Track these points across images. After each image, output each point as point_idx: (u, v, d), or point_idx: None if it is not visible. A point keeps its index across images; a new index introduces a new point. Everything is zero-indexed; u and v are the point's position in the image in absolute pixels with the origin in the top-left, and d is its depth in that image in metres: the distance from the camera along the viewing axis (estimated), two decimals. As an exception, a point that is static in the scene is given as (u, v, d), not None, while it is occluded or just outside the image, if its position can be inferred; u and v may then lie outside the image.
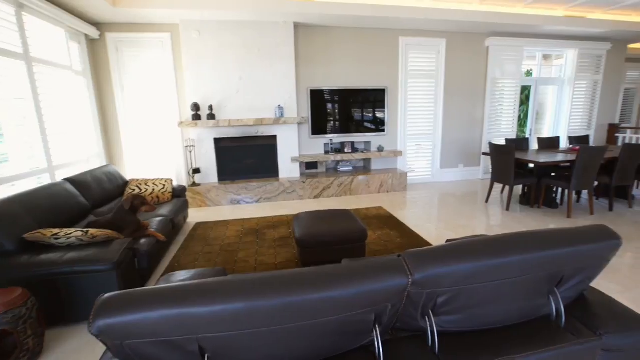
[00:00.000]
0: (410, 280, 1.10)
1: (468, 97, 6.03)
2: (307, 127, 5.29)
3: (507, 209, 4.36)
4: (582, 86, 6.72)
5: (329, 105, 5.37)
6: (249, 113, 4.87)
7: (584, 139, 5.48)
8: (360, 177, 5.19)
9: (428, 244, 3.27)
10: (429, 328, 1.20)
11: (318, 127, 5.32)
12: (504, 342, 1.22)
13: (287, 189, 4.96)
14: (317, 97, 5.25)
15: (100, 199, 3.22)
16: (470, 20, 5.15)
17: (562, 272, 1.26)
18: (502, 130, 6.29)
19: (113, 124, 4.82)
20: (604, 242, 1.26)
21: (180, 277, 2.00)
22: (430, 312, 1.20)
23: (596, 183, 4.83)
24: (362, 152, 5.45)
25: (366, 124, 5.56)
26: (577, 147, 4.26)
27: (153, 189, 3.64)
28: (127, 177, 3.87)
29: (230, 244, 3.41)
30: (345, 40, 5.28)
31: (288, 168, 5.17)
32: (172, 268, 2.91)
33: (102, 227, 2.63)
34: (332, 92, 5.31)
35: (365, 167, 5.75)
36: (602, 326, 1.27)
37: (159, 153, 5.00)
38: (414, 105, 5.76)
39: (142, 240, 2.65)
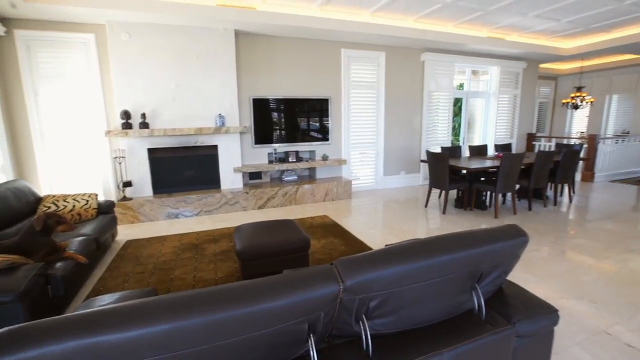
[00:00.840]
0: (341, 287, 1.08)
1: (407, 107, 6.39)
2: (250, 137, 5.18)
3: (444, 212, 4.65)
4: (504, 99, 7.50)
5: (273, 115, 5.33)
6: (187, 122, 4.63)
7: (507, 147, 6.09)
8: (306, 186, 5.19)
9: (370, 249, 3.34)
10: (363, 332, 1.19)
11: (262, 137, 5.24)
12: (433, 339, 1.25)
13: (230, 200, 4.77)
14: (261, 106, 5.18)
15: (4, 219, 2.80)
16: (406, 37, 5.50)
17: (481, 269, 1.34)
18: (439, 139, 6.75)
19: (23, 134, 4.24)
20: (514, 240, 1.37)
21: (103, 301, 1.79)
22: (364, 316, 1.20)
23: (518, 186, 5.38)
24: (307, 161, 5.47)
25: (311, 133, 5.61)
26: (501, 154, 4.71)
27: (74, 206, 3.26)
28: (42, 193, 3.40)
29: (166, 261, 3.16)
30: (289, 50, 5.32)
31: (230, 179, 4.99)
32: (97, 292, 2.61)
33: (5, 252, 2.27)
34: (276, 101, 5.29)
35: (310, 176, 5.77)
36: (515, 315, 1.37)
37: (82, 165, 4.51)
38: (357, 114, 5.96)
39: (58, 264, 2.34)
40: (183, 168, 4.82)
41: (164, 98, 4.48)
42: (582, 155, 6.83)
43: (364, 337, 1.18)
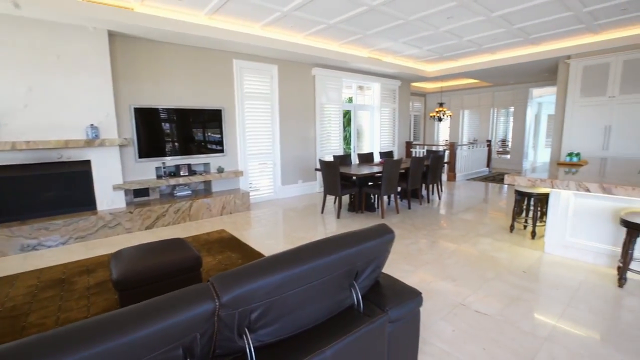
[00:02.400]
0: (217, 303, 1.05)
1: (302, 118, 6.66)
2: (133, 150, 4.65)
3: (339, 216, 4.97)
4: (386, 112, 8.49)
5: (162, 126, 4.90)
6: (48, 133, 3.88)
7: (389, 154, 6.89)
8: (201, 201, 4.90)
9: (270, 259, 3.34)
10: (246, 346, 1.18)
11: (148, 150, 4.75)
12: (316, 339, 1.32)
13: (109, 222, 4.17)
14: (147, 117, 4.71)
15: None
16: (297, 52, 5.76)
17: (356, 266, 1.48)
18: (332, 148, 7.22)
19: None
20: (383, 237, 1.55)
21: None
22: (246, 329, 1.19)
23: (399, 188, 6.12)
24: (201, 174, 5.18)
25: (205, 145, 5.35)
26: (384, 161, 5.30)
27: None
28: None
29: (17, 306, 2.56)
30: (179, 58, 4.99)
31: (109, 198, 4.37)
32: None
33: None
34: (166, 111, 4.88)
35: (206, 190, 5.48)
36: (388, 303, 1.55)
37: None
38: (252, 125, 5.93)
39: None
40: (43, 189, 4.00)
41: (10, 104, 3.66)
42: (446, 159, 8.21)
43: (247, 350, 1.16)
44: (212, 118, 5.35)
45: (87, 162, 4.18)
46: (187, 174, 5.00)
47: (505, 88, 10.44)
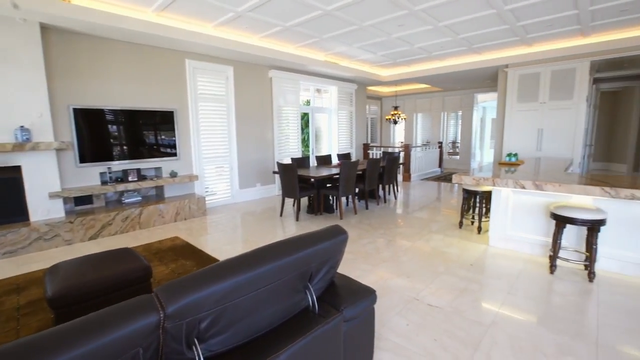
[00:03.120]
0: (162, 315, 1.00)
1: (259, 121, 6.57)
2: (73, 154, 4.28)
3: (297, 219, 4.97)
4: (343, 115, 8.65)
5: (108, 128, 4.57)
6: (-33, 136, 3.45)
7: (347, 156, 7.02)
8: (152, 207, 4.64)
9: (227, 265, 3.25)
10: (196, 357, 1.13)
11: (91, 154, 4.40)
12: (271, 344, 1.30)
13: (45, 234, 3.79)
14: (89, 118, 4.36)
15: None
16: (252, 53, 5.68)
17: (310, 268, 1.48)
18: (291, 150, 7.20)
19: None
20: (336, 238, 1.57)
21: None
22: (196, 340, 1.14)
23: (357, 189, 6.25)
24: (152, 179, 4.90)
25: (156, 148, 5.07)
26: (341, 163, 5.38)
27: None
28: None
29: None
30: (126, 56, 4.69)
31: (45, 207, 3.97)
32: None
33: None
34: (112, 112, 4.55)
35: (158, 196, 5.19)
36: (343, 303, 1.57)
37: None
38: (208, 128, 5.74)
39: None
40: (-39, 199, 3.54)
41: None
42: (401, 160, 8.54)
43: (197, 361, 1.12)
44: (164, 120, 5.09)
45: (17, 169, 3.77)
46: (136, 179, 4.70)
47: (453, 93, 11.12)
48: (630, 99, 8.34)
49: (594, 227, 2.81)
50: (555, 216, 2.96)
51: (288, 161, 6.32)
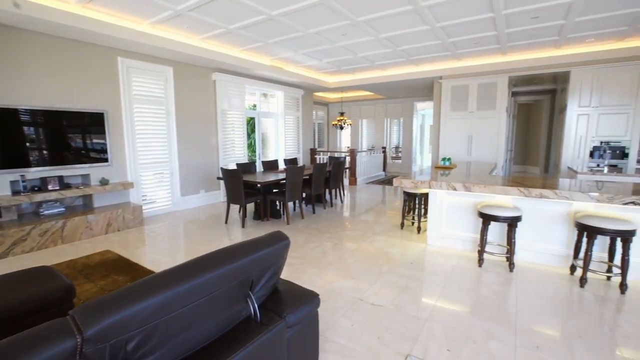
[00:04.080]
0: (80, 339, 0.91)
1: (202, 124, 6.31)
2: (-23, 160, 3.71)
3: (243, 226, 4.84)
4: (290, 120, 8.66)
5: (23, 130, 4.03)
6: None
7: (294, 161, 7.03)
8: (78, 219, 4.18)
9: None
10: (123, 383, 1.04)
11: None
12: (209, 358, 1.25)
13: (-61, 254, 3.22)
14: (-4, 119, 3.82)
15: None
16: (194, 54, 5.45)
17: (251, 276, 1.45)
18: (236, 155, 7.02)
19: None
20: (278, 244, 1.56)
21: None
22: (123, 363, 1.05)
23: (304, 194, 6.28)
24: (79, 187, 4.43)
25: (84, 153, 4.60)
26: (287, 168, 5.37)
27: None
28: None
29: None
30: (47, 50, 4.20)
31: (-61, 222, 3.38)
32: None
33: None
34: (28, 113, 4.03)
35: (85, 205, 4.71)
36: (286, 309, 1.56)
37: None
38: (145, 131, 5.36)
39: None
40: None
41: None
42: (347, 164, 8.78)
43: (124, 386, 1.03)
44: (94, 122, 4.64)
45: None
46: (58, 187, 4.21)
47: (395, 101, 11.76)
48: (540, 111, 9.55)
49: (512, 223, 3.15)
50: (481, 214, 3.26)
51: (233, 166, 6.16)
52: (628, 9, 4.21)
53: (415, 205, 4.77)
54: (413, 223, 4.78)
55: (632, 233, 2.69)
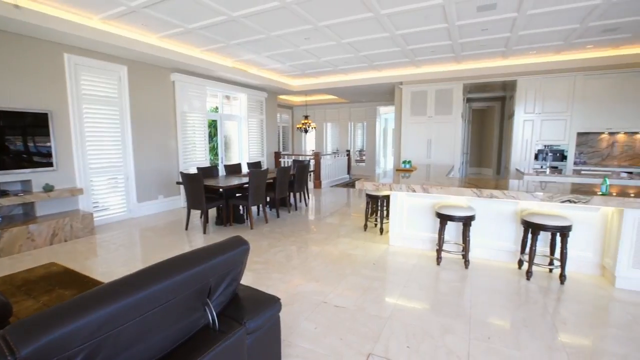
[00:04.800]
0: (12, 360, 0.83)
1: (160, 127, 6.03)
2: None
3: (205, 232, 4.69)
4: (253, 123, 8.54)
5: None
6: None
7: (257, 165, 6.94)
8: (17, 229, 3.81)
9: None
10: (66, 404, 0.96)
11: None
12: (164, 373, 1.19)
13: None
14: None
15: None
16: (151, 53, 5.21)
17: (208, 283, 1.41)
18: (198, 159, 6.79)
19: None
20: (237, 249, 1.53)
21: None
22: (65, 383, 0.97)
23: (268, 198, 6.21)
24: (18, 194, 4.05)
25: (25, 157, 4.21)
26: (250, 172, 5.29)
27: None
28: None
29: None
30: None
31: None
32: None
33: None
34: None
35: (26, 214, 4.31)
36: (246, 315, 1.53)
37: None
38: (95, 134, 5.03)
39: None
40: None
41: None
42: (312, 168, 8.82)
43: (65, 409, 0.95)
44: (36, 123, 4.27)
45: None
46: (-7, 195, 3.82)
47: (359, 105, 12.02)
48: (492, 116, 10.23)
49: (467, 222, 3.33)
50: (438, 215, 3.42)
51: (194, 171, 5.95)
52: (562, 26, 4.65)
53: (377, 207, 4.89)
54: (376, 225, 4.89)
55: (569, 228, 2.95)
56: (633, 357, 2.00)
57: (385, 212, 4.67)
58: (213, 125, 8.04)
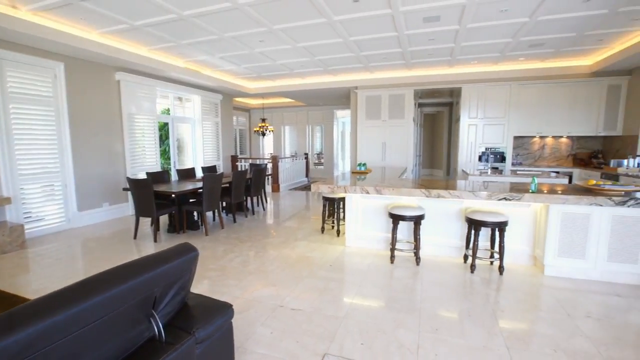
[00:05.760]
0: None
1: (104, 129, 5.63)
2: None
3: (156, 240, 4.45)
4: (208, 126, 8.28)
5: None
6: None
7: (212, 169, 6.72)
8: None
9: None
10: None
11: None
12: (101, 393, 1.11)
13: None
14: None
15: None
16: (91, 50, 4.86)
17: (153, 294, 1.35)
18: (147, 164, 6.42)
19: None
20: (184, 257, 1.48)
21: None
22: (-18, 414, 0.87)
23: (225, 203, 6.04)
24: None
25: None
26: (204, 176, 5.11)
27: None
28: None
29: None
30: None
31: None
32: None
33: None
34: None
35: (-59, 228, 3.79)
36: (195, 324, 1.48)
37: None
38: (26, 137, 4.55)
39: None
40: None
41: None
42: (269, 171, 8.74)
43: None
44: (-50, 125, 3.77)
45: None
46: None
47: (316, 108, 12.14)
48: (442, 120, 10.87)
49: (417, 221, 3.51)
50: (391, 215, 3.56)
51: (144, 176, 5.62)
52: (498, 40, 5.09)
53: (334, 209, 4.97)
54: (333, 227, 4.97)
55: (505, 224, 3.23)
56: (557, 336, 2.24)
57: (342, 214, 4.76)
58: (165, 128, 7.66)
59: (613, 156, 6.37)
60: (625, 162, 5.58)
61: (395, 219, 3.53)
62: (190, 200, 4.97)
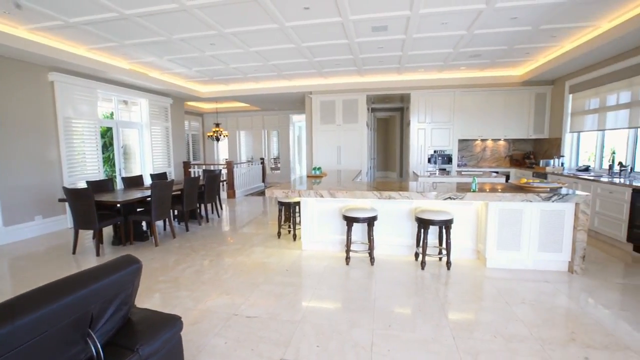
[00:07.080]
0: None
1: (35, 135, 5.11)
2: None
3: (98, 254, 4.12)
4: (157, 131, 7.86)
5: None
6: None
7: (162, 176, 6.39)
8: None
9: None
10: None
11: None
12: None
13: None
14: None
15: None
16: (18, 47, 4.41)
17: (89, 311, 1.25)
18: (88, 172, 5.94)
19: None
20: (125, 270, 1.39)
21: None
22: None
23: (176, 211, 5.77)
24: None
25: None
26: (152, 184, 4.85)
27: None
28: None
29: None
30: None
31: None
32: None
33: None
34: None
35: None
36: (139, 340, 1.40)
37: None
38: (-61, 144, 4.01)
39: None
40: None
41: None
42: (224, 177, 8.51)
43: None
44: None
45: None
46: None
47: (272, 113, 12.06)
48: (394, 125, 11.35)
49: (370, 223, 3.62)
50: (345, 217, 3.64)
51: (84, 185, 5.19)
52: (441, 50, 5.46)
53: (290, 213, 4.97)
54: (289, 231, 4.96)
55: (451, 222, 3.45)
56: (497, 322, 2.44)
57: (298, 218, 4.77)
58: (109, 134, 7.14)
59: (542, 157, 7.10)
60: (552, 162, 6.25)
61: (350, 221, 3.62)
62: (138, 210, 4.68)
